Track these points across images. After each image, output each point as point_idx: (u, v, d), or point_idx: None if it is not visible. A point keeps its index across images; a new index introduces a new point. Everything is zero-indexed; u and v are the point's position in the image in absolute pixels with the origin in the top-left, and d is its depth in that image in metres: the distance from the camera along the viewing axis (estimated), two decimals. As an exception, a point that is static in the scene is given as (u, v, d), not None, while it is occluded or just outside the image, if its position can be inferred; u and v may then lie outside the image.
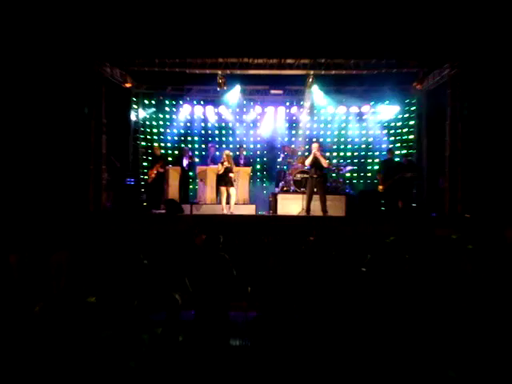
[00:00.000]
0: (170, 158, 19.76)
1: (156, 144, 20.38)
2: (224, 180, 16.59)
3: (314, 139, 18.42)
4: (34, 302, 9.37)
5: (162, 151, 20.06)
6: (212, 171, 17.48)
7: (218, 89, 18.17)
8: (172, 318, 9.90)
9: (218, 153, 18.45)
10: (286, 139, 19.78)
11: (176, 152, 20.02)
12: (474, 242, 13.81)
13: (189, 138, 20.67)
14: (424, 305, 9.39)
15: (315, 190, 16.28)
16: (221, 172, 16.58)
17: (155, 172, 17.96)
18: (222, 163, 16.60)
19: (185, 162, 18.68)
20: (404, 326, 8.72)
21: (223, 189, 16.58)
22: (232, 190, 16.62)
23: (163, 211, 17.17)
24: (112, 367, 8.94)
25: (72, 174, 16.62)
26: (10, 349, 8.43)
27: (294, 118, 20.11)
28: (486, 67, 16.00)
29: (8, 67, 16.44)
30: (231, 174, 16.55)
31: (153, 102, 20.61)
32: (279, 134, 20.13)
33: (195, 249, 11.14)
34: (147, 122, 20.63)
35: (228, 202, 16.58)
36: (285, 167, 18.61)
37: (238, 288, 10.38)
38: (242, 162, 18.49)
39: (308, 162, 16.33)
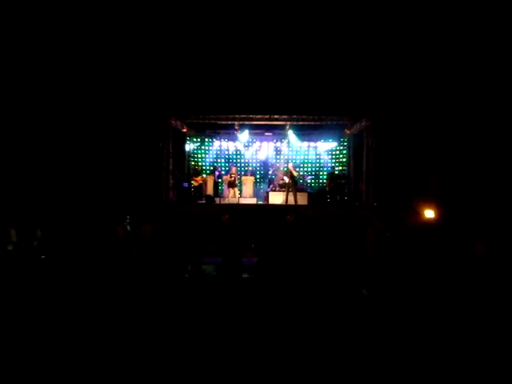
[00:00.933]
0: (207, 172, 19.80)
1: (199, 163, 20.59)
2: (232, 184, 17.08)
3: (289, 161, 18.42)
4: (131, 253, 9.69)
5: (203, 168, 20.30)
6: (230, 179, 17.66)
7: (235, 132, 18.27)
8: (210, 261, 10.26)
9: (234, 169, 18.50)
10: (274, 161, 19.77)
11: (211, 168, 20.01)
12: (378, 219, 14.15)
13: (218, 160, 20.68)
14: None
15: (290, 189, 16.56)
16: (230, 180, 17.24)
17: (198, 179, 18.25)
18: (231, 175, 17.25)
19: (216, 174, 18.99)
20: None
21: (231, 189, 17.15)
22: (236, 189, 17.38)
23: (204, 201, 17.44)
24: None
25: (154, 181, 16.95)
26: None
27: (278, 149, 20.10)
28: (384, 121, 16.23)
29: (121, 122, 16.97)
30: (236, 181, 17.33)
31: (198, 139, 20.64)
32: (270, 158, 20.16)
33: (222, 223, 11.34)
34: (195, 151, 20.70)
35: (234, 196, 17.01)
36: (273, 177, 18.72)
37: (246, 245, 10.74)
38: (248, 174, 18.73)
39: (286, 177, 16.81)
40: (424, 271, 9.23)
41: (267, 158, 20.24)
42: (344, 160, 20.11)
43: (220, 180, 19.16)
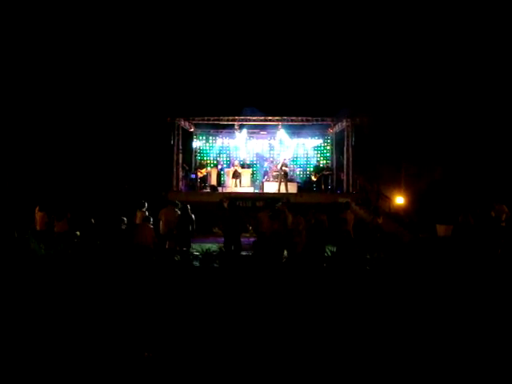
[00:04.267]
0: (212, 165, 19.85)
1: (204, 158, 20.62)
2: (234, 175, 17.10)
3: (281, 156, 18.41)
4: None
5: (207, 162, 20.36)
6: (231, 171, 17.78)
7: (235, 131, 18.33)
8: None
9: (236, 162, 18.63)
10: (268, 155, 19.77)
11: (215, 162, 20.06)
12: (357, 204, 14.28)
13: (221, 155, 20.68)
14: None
15: (282, 180, 16.67)
16: (232, 171, 17.27)
17: (203, 171, 18.32)
18: (234, 167, 17.23)
19: (219, 167, 19.09)
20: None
21: (233, 179, 17.18)
22: (237, 180, 17.33)
23: (208, 190, 17.52)
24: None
25: (166, 173, 17.10)
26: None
27: (272, 145, 20.06)
28: (362, 121, 16.32)
29: (139, 123, 17.12)
30: (238, 172, 17.30)
31: (203, 137, 20.61)
32: (264, 153, 20.16)
33: (223, 208, 11.37)
34: (200, 148, 20.71)
35: (236, 186, 17.07)
36: (267, 169, 18.73)
37: (244, 227, 10.79)
38: (246, 166, 18.75)
39: (278, 166, 16.82)
40: (395, 249, 9.35)
41: (262, 153, 20.24)
42: (328, 155, 20.18)
43: (222, 172, 19.21)
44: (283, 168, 16.87)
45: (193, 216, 10.18)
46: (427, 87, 18.77)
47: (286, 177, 16.93)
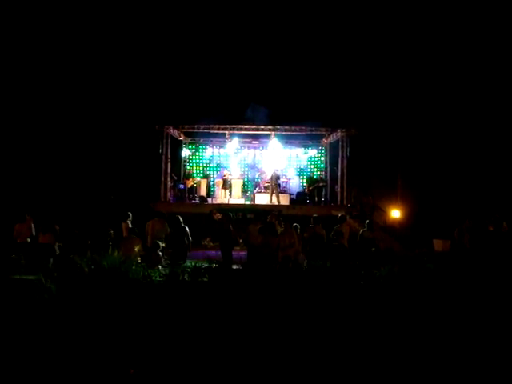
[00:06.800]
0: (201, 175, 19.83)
1: (194, 168, 20.60)
2: (224, 185, 17.10)
3: (275, 167, 18.39)
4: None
5: (197, 171, 20.35)
6: (221, 182, 17.78)
7: (226, 140, 18.31)
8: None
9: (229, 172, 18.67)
10: (260, 166, 19.75)
11: (205, 172, 20.04)
12: (352, 217, 14.33)
13: (210, 165, 20.67)
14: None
15: (274, 191, 16.68)
16: (222, 182, 17.31)
17: (189, 182, 18.34)
18: (223, 177, 17.38)
19: (211, 177, 19.31)
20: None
21: (223, 190, 17.22)
22: (227, 191, 17.32)
23: (197, 201, 17.49)
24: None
25: (153, 183, 17.04)
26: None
27: (264, 155, 20.06)
28: (357, 131, 16.42)
29: (126, 131, 17.13)
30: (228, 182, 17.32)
31: (193, 146, 20.64)
32: (256, 164, 20.17)
33: (213, 220, 11.38)
34: (189, 156, 20.70)
35: (226, 197, 17.10)
36: (259, 180, 18.75)
37: (235, 240, 10.79)
38: (237, 177, 18.71)
39: (268, 176, 16.92)
40: (391, 263, 9.36)
41: (254, 164, 20.27)
42: (322, 166, 20.26)
43: (212, 182, 19.22)
44: (275, 179, 16.90)
45: (187, 228, 10.23)
46: (423, 97, 19.03)
47: (278, 188, 16.97)
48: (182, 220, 10.33)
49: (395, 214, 14.78)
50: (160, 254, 9.81)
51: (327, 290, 8.09)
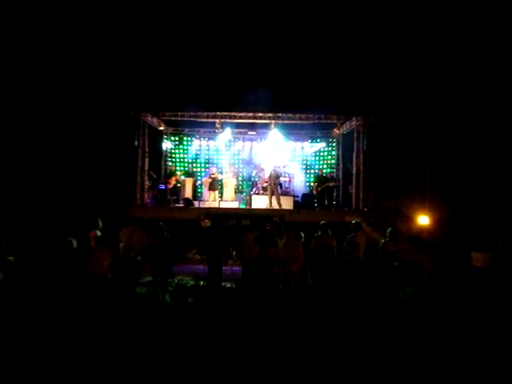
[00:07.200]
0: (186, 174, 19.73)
1: (177, 164, 20.60)
2: (213, 186, 17.04)
3: (275, 163, 18.31)
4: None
5: (180, 169, 20.35)
6: (209, 181, 17.70)
7: (216, 131, 18.33)
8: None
9: (219, 170, 18.75)
10: (257, 162, 19.67)
11: (191, 171, 19.95)
12: (370, 225, 14.24)
13: (197, 161, 20.66)
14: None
15: (275, 192, 16.61)
16: (210, 181, 17.20)
17: (172, 181, 18.29)
18: (211, 175, 17.26)
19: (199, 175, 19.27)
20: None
21: (211, 192, 17.11)
22: (216, 192, 17.27)
23: (182, 204, 17.42)
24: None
25: (128, 182, 16.94)
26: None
27: (263, 149, 20.02)
28: (377, 121, 16.30)
29: (92, 117, 16.94)
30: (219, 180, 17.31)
31: (176, 138, 20.67)
32: (253, 159, 20.12)
33: (201, 228, 11.34)
34: (172, 150, 20.68)
35: (214, 200, 16.98)
36: (257, 179, 18.70)
37: (227, 252, 10.73)
38: (230, 175, 18.68)
39: (266, 175, 16.92)
40: (418, 281, 9.30)
41: (250, 159, 20.25)
42: (333, 162, 20.35)
43: (199, 182, 19.23)
44: (276, 178, 16.85)
45: (168, 236, 10.25)
46: (459, 77, 18.86)
47: (278, 189, 16.96)
48: (165, 228, 10.32)
49: (423, 220, 14.62)
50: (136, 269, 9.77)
51: (337, 314, 8.00)
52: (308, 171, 20.58)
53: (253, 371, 5.97)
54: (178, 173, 19.31)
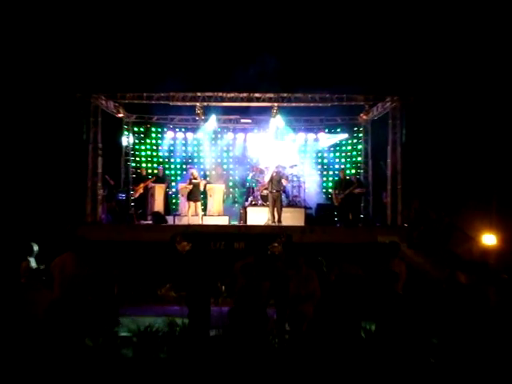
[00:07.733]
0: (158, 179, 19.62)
1: (144, 165, 20.48)
2: (194, 195, 16.76)
3: (278, 162, 18.19)
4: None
5: (149, 171, 20.18)
6: (188, 188, 17.49)
7: (197, 118, 18.24)
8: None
9: (202, 172, 18.60)
10: (254, 160, 19.61)
11: (164, 174, 19.90)
12: (412, 247, 14.09)
13: (172, 160, 20.65)
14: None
15: (277, 203, 16.44)
16: (190, 188, 16.76)
17: (139, 188, 18.14)
18: (191, 180, 16.77)
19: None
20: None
21: (191, 203, 16.77)
22: (198, 203, 16.93)
23: (150, 221, 17.24)
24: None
25: (74, 190, 16.76)
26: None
27: (261, 143, 19.99)
28: (420, 102, 16.17)
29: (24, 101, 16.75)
30: (201, 187, 16.89)
31: (141, 129, 20.65)
32: (248, 157, 20.08)
33: (177, 254, 11.14)
34: (136, 146, 20.63)
35: (197, 214, 16.72)
36: (253, 184, 18.59)
37: (213, 287, 10.58)
38: (217, 180, 18.66)
39: (266, 178, 16.62)
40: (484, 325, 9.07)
41: (245, 157, 20.17)
42: (358, 159, 20.31)
43: (174, 189, 19.13)
44: (279, 181, 16.66)
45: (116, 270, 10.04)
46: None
47: (280, 198, 16.72)
48: (112, 254, 10.24)
49: (489, 239, 14.49)
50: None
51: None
52: (325, 173, 20.55)
53: None
54: (151, 178, 19.08)
